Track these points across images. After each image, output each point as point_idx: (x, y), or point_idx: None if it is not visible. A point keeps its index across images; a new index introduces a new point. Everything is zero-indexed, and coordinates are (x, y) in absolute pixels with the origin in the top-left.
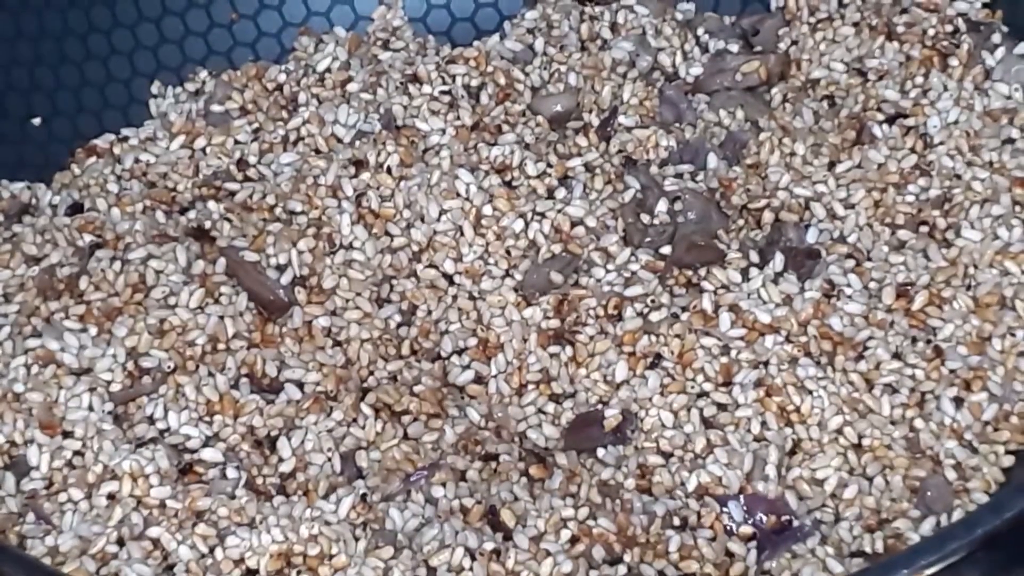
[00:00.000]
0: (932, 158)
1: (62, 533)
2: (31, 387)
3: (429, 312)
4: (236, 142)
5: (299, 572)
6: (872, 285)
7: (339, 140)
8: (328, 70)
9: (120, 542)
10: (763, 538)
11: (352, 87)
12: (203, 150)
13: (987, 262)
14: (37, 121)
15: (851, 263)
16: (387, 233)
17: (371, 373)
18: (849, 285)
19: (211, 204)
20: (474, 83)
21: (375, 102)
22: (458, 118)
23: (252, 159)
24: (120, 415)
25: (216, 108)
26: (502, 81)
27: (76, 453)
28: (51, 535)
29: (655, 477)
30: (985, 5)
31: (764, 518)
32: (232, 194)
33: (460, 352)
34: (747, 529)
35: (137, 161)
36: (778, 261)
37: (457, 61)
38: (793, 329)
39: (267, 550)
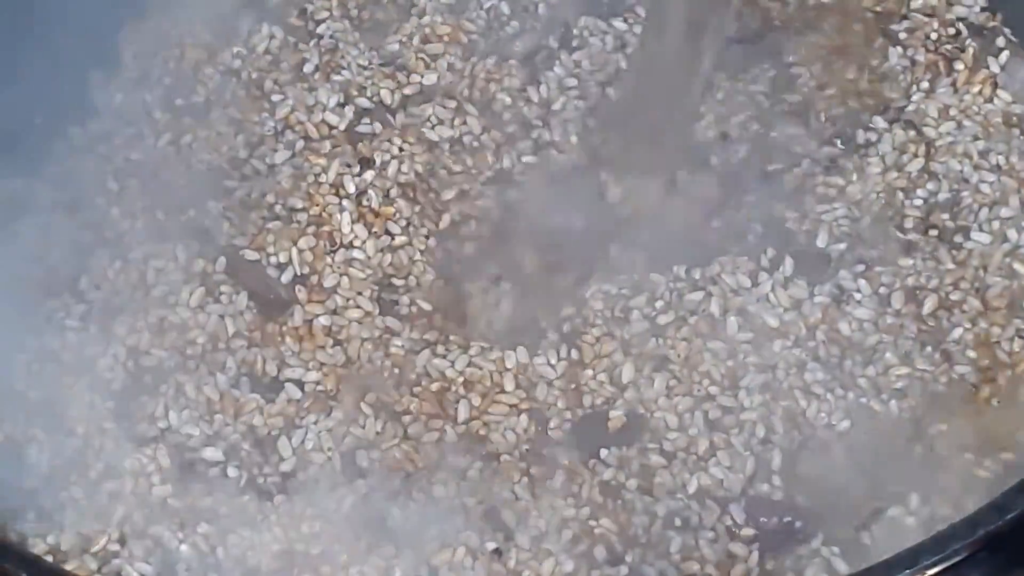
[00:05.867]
0: (940, 162)
1: (63, 531)
2: (32, 385)
3: None
4: (218, 134)
5: (300, 571)
6: (882, 290)
7: (331, 127)
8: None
9: (121, 540)
10: (766, 539)
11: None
12: (190, 145)
13: (996, 264)
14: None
15: (861, 267)
16: (387, 232)
17: (371, 372)
18: (859, 290)
19: (210, 203)
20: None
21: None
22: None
23: (242, 153)
24: (121, 413)
25: (194, 100)
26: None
27: (77, 451)
28: (52, 533)
29: (656, 478)
30: (984, 9)
31: (767, 519)
32: (229, 191)
33: None
34: (749, 531)
35: (128, 160)
36: (787, 265)
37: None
38: (801, 334)
39: (268, 548)
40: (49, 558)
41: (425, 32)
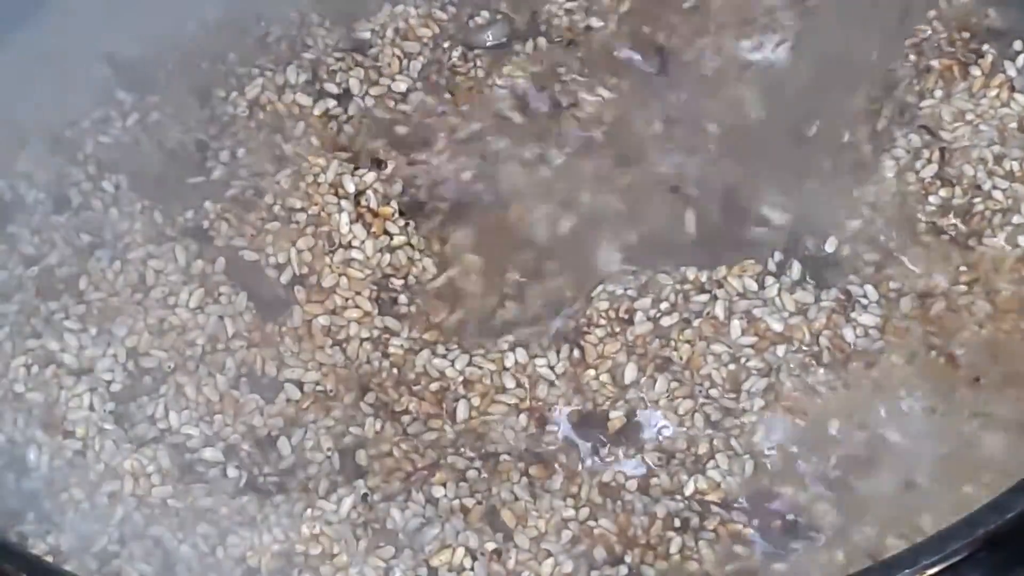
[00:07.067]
0: (954, 167)
1: (63, 532)
2: (31, 387)
3: None
4: (185, 110)
5: (300, 571)
6: (891, 295)
7: (302, 107)
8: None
9: (121, 541)
10: (766, 539)
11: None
12: (158, 124)
13: (1008, 269)
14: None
15: (869, 272)
16: (386, 232)
17: (370, 372)
18: (865, 296)
19: (207, 204)
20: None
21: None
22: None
23: (212, 131)
24: (121, 415)
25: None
26: None
27: (77, 453)
28: (52, 533)
29: (653, 479)
30: (995, 12)
31: (767, 520)
32: (218, 185)
33: None
34: (749, 531)
35: (99, 144)
36: (795, 270)
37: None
38: (805, 339)
39: (268, 549)
40: (49, 558)
41: (399, 25)
